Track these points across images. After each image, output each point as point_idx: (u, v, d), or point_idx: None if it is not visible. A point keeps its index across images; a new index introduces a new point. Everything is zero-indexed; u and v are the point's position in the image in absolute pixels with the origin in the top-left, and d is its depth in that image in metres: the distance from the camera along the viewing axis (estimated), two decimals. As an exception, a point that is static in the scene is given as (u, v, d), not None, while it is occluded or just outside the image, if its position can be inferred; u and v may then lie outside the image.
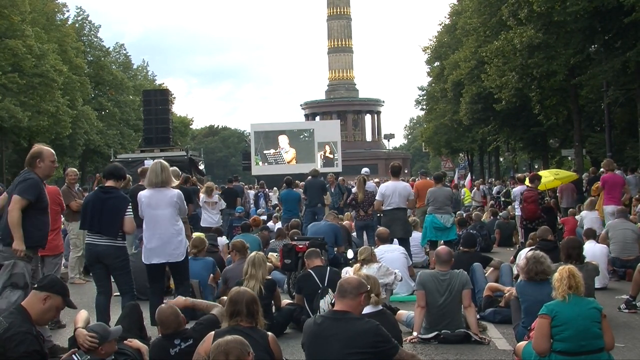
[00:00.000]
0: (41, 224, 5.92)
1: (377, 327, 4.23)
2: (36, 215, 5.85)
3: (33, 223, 5.81)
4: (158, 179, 6.78)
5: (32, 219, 5.81)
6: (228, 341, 3.60)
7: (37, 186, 5.84)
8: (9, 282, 5.54)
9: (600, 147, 26.58)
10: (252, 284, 6.56)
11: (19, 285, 5.54)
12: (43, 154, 5.97)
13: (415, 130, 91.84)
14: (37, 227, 5.86)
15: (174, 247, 6.72)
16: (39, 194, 5.84)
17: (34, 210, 5.83)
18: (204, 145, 71.97)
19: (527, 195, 11.88)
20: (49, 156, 5.99)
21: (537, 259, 6.07)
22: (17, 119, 30.29)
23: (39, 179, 5.92)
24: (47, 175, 6.08)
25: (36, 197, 5.81)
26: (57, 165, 6.29)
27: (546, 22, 20.33)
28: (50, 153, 6.04)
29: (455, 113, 36.62)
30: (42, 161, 5.95)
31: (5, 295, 5.49)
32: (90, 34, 47.81)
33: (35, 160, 5.94)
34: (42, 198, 5.89)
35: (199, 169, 26.13)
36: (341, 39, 79.01)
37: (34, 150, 6.05)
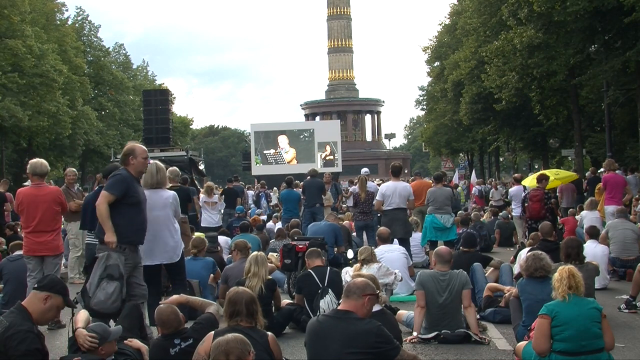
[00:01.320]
0: (132, 219, 5.95)
1: (378, 328, 4.23)
2: (127, 210, 5.92)
3: (124, 219, 5.89)
4: (154, 180, 6.78)
5: (123, 215, 5.89)
6: (228, 340, 3.57)
7: (124, 182, 5.90)
8: (105, 274, 5.64)
9: (600, 147, 26.59)
10: (254, 281, 6.59)
11: (114, 277, 5.65)
12: (135, 151, 6.05)
13: (415, 130, 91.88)
14: (128, 223, 5.92)
15: (169, 248, 6.71)
16: (126, 189, 5.89)
17: (123, 206, 5.90)
18: (204, 145, 71.97)
19: (534, 194, 11.89)
20: (141, 153, 6.06)
21: (536, 255, 6.14)
22: (17, 118, 30.28)
23: (129, 175, 5.99)
24: (140, 171, 6.15)
25: (123, 193, 5.88)
26: (149, 162, 6.34)
27: (546, 22, 20.33)
28: (142, 150, 6.11)
29: (455, 113, 36.64)
30: (134, 158, 6.03)
31: (102, 287, 5.61)
32: (90, 34, 47.81)
33: (128, 158, 6.03)
34: (131, 194, 5.93)
35: (199, 169, 26.12)
36: (341, 39, 78.99)
37: (127, 147, 6.15)
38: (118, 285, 5.60)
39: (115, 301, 5.59)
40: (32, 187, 7.53)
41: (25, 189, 7.81)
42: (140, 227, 6.03)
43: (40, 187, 7.36)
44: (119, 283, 5.62)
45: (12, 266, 7.88)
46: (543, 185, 12.32)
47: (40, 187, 7.36)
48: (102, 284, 5.61)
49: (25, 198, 7.36)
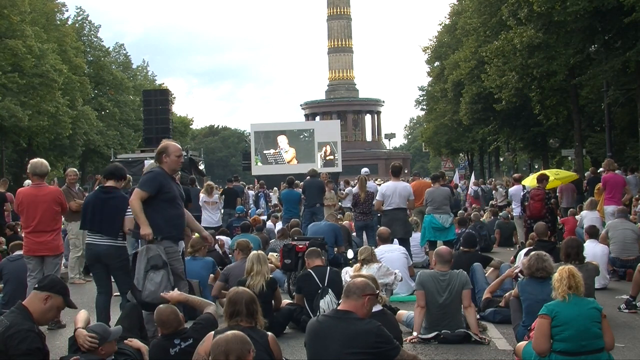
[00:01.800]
0: (168, 214, 6.02)
1: (378, 328, 4.22)
2: (162, 206, 6.01)
3: (160, 214, 5.97)
4: None
5: (159, 211, 5.98)
6: (228, 340, 3.53)
7: (156, 179, 6.02)
8: (149, 266, 5.77)
9: (600, 147, 26.59)
10: (256, 279, 6.64)
11: (159, 266, 5.78)
12: (168, 149, 6.14)
13: (415, 130, 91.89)
14: (164, 219, 5.99)
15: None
16: (159, 186, 5.98)
17: (159, 202, 6.00)
18: (204, 145, 71.99)
19: (535, 193, 11.90)
20: (174, 151, 6.15)
21: (539, 256, 6.13)
22: (17, 118, 30.27)
23: (162, 172, 6.10)
24: (174, 169, 6.24)
25: (156, 190, 5.98)
26: (183, 160, 6.42)
27: (546, 22, 20.33)
28: (175, 148, 6.19)
29: (455, 113, 36.65)
30: (167, 156, 6.12)
31: (150, 278, 5.73)
32: (90, 34, 47.80)
33: (161, 156, 6.14)
34: (165, 190, 6.01)
35: (199, 169, 26.13)
36: (341, 39, 78.97)
37: (160, 146, 6.25)
38: (165, 273, 5.76)
39: (166, 288, 5.67)
40: (32, 187, 7.53)
41: (25, 189, 7.82)
42: (176, 221, 6.11)
43: (40, 187, 7.36)
44: (165, 271, 5.78)
45: (12, 266, 7.88)
46: (544, 185, 12.33)
47: (40, 187, 7.35)
48: (149, 276, 5.75)
49: (25, 198, 7.36)
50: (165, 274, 5.78)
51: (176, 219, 6.12)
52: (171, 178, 6.21)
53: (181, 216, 6.22)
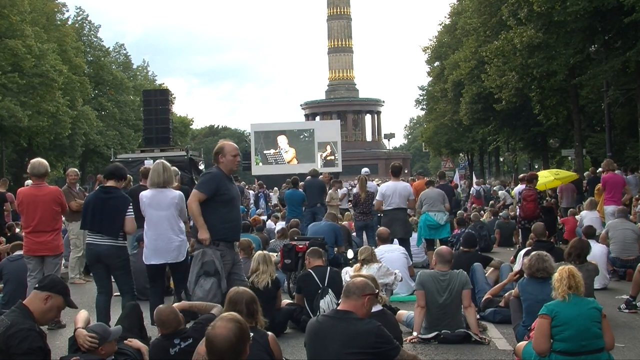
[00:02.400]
0: (225, 216, 6.03)
1: (378, 328, 4.22)
2: (219, 208, 6.02)
3: (216, 216, 6.00)
4: (160, 179, 6.76)
5: (215, 213, 6.00)
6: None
7: (213, 181, 6.05)
8: (202, 271, 5.79)
9: (600, 147, 26.59)
10: (262, 277, 6.66)
11: (210, 273, 5.80)
12: (224, 149, 6.16)
13: (415, 130, 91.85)
14: (221, 220, 5.99)
15: (174, 248, 6.70)
16: (216, 187, 6.00)
17: (215, 203, 6.02)
18: (204, 145, 71.86)
19: (527, 194, 11.89)
20: (230, 151, 6.15)
21: (540, 256, 6.14)
22: (17, 118, 30.27)
23: (220, 173, 6.11)
24: (230, 169, 6.21)
25: (212, 191, 6.00)
26: (239, 160, 6.42)
27: (546, 22, 20.32)
28: (231, 148, 6.19)
29: (455, 113, 36.63)
30: (223, 156, 6.14)
31: (200, 284, 5.77)
32: (90, 34, 47.81)
33: (218, 156, 6.18)
34: (222, 191, 6.02)
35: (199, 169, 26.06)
36: (341, 39, 79.00)
37: (217, 146, 6.28)
38: (215, 281, 5.76)
39: (215, 296, 5.69)
40: (32, 187, 7.53)
41: (25, 188, 7.82)
42: (233, 223, 6.12)
43: (40, 187, 7.36)
44: (216, 279, 5.77)
45: (12, 266, 7.88)
46: (534, 185, 12.33)
47: (40, 187, 7.35)
48: (199, 281, 5.78)
49: (25, 198, 7.36)
50: (216, 281, 5.76)
51: (232, 221, 6.13)
52: (229, 179, 6.19)
53: (237, 218, 6.22)
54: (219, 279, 5.79)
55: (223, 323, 3.33)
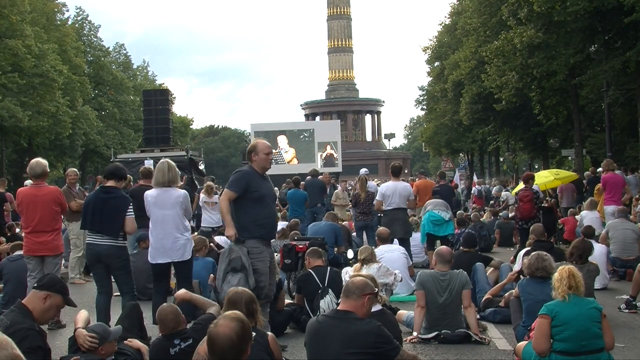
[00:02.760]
0: (256, 214, 6.04)
1: (378, 328, 4.22)
2: (250, 206, 6.05)
3: (248, 214, 6.04)
4: (165, 178, 6.75)
5: (247, 210, 6.04)
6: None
7: (243, 179, 6.06)
8: (229, 268, 5.83)
9: (600, 147, 26.59)
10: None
11: (237, 269, 5.82)
12: (257, 147, 6.18)
13: (415, 130, 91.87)
14: (252, 218, 6.02)
15: (180, 247, 6.70)
16: (246, 185, 6.02)
17: (246, 201, 6.05)
18: (204, 145, 71.96)
19: (523, 195, 11.88)
20: (262, 149, 6.16)
21: (540, 256, 6.16)
22: (17, 118, 30.27)
23: (251, 171, 6.13)
24: (263, 167, 6.19)
25: (243, 189, 6.02)
26: (272, 158, 6.32)
27: (546, 22, 20.33)
28: (264, 146, 6.20)
29: (455, 113, 36.64)
30: (256, 154, 6.15)
31: (227, 280, 5.80)
32: (90, 34, 47.82)
33: (251, 154, 6.18)
34: (253, 189, 6.03)
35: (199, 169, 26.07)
36: (341, 39, 78.99)
37: (250, 145, 6.31)
38: (242, 277, 5.79)
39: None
40: (31, 187, 7.52)
41: (24, 188, 7.81)
42: (264, 221, 6.11)
43: (40, 187, 7.35)
44: (243, 274, 5.80)
45: (12, 266, 7.88)
46: (530, 185, 12.34)
47: (40, 187, 7.34)
48: (227, 278, 5.81)
49: (24, 198, 7.36)
50: (243, 277, 5.78)
51: (264, 219, 6.11)
52: (261, 177, 6.19)
53: (269, 215, 6.21)
54: (246, 274, 5.82)
55: (226, 322, 3.31)
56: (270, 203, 6.26)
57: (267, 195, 6.19)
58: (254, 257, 5.98)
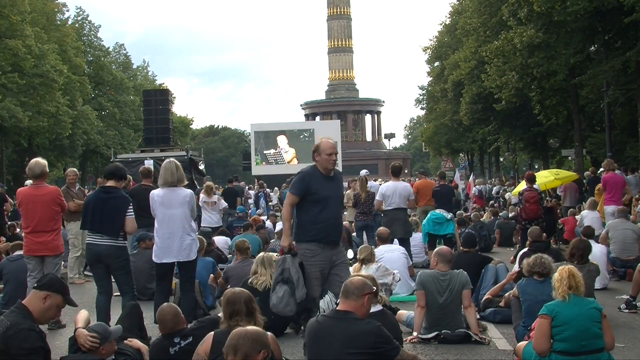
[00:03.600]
0: (316, 216, 5.86)
1: (378, 328, 4.22)
2: (310, 208, 5.89)
3: (307, 216, 5.88)
4: (174, 178, 6.71)
5: (307, 212, 5.89)
6: (240, 336, 3.48)
7: (303, 180, 5.92)
8: (280, 278, 5.77)
9: (600, 147, 26.60)
10: (261, 280, 6.66)
11: (284, 280, 5.75)
12: (319, 147, 6.00)
13: (415, 130, 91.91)
14: (311, 220, 5.86)
15: (186, 246, 6.68)
16: (306, 187, 5.88)
17: (306, 203, 5.90)
18: (204, 145, 71.95)
19: (530, 195, 11.88)
20: (325, 149, 5.96)
21: (539, 256, 6.23)
22: (17, 119, 30.29)
23: (311, 172, 5.97)
24: (325, 167, 5.97)
25: (302, 191, 5.88)
26: (334, 159, 6.03)
27: (546, 22, 20.34)
28: (327, 146, 5.99)
29: (455, 113, 36.67)
30: (318, 155, 5.98)
31: (275, 291, 5.76)
32: (90, 34, 47.84)
33: (314, 154, 6.02)
34: (312, 191, 5.87)
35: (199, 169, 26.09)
36: (341, 39, 78.91)
37: (315, 144, 6.10)
38: (287, 290, 5.69)
39: (288, 305, 5.67)
40: (31, 187, 7.52)
41: (24, 188, 7.81)
42: (325, 223, 5.88)
43: (40, 187, 7.34)
44: (288, 287, 5.70)
45: (12, 266, 7.88)
46: (532, 184, 12.35)
47: (40, 187, 7.33)
48: (276, 288, 5.76)
49: (24, 198, 7.35)
50: (287, 290, 5.69)
51: (323, 221, 5.87)
52: (325, 177, 5.96)
53: (330, 217, 5.93)
54: (292, 288, 5.70)
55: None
56: (333, 205, 5.99)
57: (329, 197, 5.94)
58: (306, 260, 5.83)
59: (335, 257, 5.97)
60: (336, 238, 6.02)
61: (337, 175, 6.17)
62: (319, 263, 5.84)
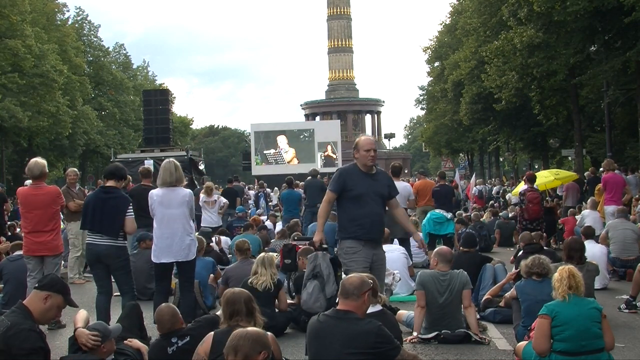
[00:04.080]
0: (353, 213, 5.81)
1: (378, 328, 4.22)
2: (348, 205, 5.86)
3: (346, 213, 5.87)
4: (172, 178, 6.71)
5: (345, 210, 5.88)
6: (241, 337, 3.48)
7: (340, 177, 5.89)
8: (311, 274, 5.78)
9: (600, 147, 26.60)
10: (262, 280, 6.65)
11: (315, 276, 5.76)
12: (358, 144, 5.98)
13: (415, 130, 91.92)
14: (349, 218, 5.83)
15: (185, 246, 6.69)
16: (343, 184, 5.85)
17: (344, 200, 5.89)
18: (204, 145, 71.97)
19: (532, 196, 11.89)
20: (363, 146, 5.92)
21: (537, 257, 6.26)
22: (17, 119, 30.31)
23: (349, 169, 5.96)
24: (364, 164, 5.91)
25: (340, 188, 5.86)
26: (373, 155, 5.96)
27: (546, 22, 20.35)
28: (365, 143, 5.94)
29: (455, 113, 36.68)
30: (357, 151, 5.96)
31: (306, 286, 5.77)
32: (90, 34, 47.87)
33: (353, 151, 5.99)
34: (349, 187, 5.83)
35: (199, 169, 26.10)
36: (341, 39, 78.89)
37: (355, 140, 6.05)
38: (317, 285, 5.69)
39: (317, 300, 5.65)
40: (30, 187, 7.52)
41: (24, 188, 7.80)
42: (362, 221, 5.80)
43: (39, 187, 7.33)
44: (318, 282, 5.71)
45: (12, 266, 7.88)
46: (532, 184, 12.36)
47: (39, 187, 7.33)
48: (307, 284, 5.77)
49: (24, 198, 7.35)
50: (317, 285, 5.69)
51: (362, 218, 5.80)
52: (364, 174, 5.89)
53: (369, 214, 5.81)
54: (323, 283, 5.70)
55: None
56: (372, 201, 5.86)
57: (366, 194, 5.84)
58: (348, 257, 5.79)
59: (375, 256, 5.90)
60: (376, 236, 5.93)
61: (379, 172, 6.11)
62: (361, 260, 5.76)
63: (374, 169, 6.01)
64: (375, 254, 5.91)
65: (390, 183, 6.16)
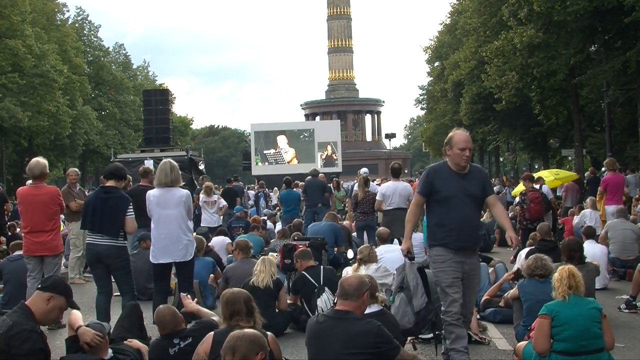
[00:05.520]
0: (440, 217, 5.27)
1: (378, 328, 4.22)
2: (435, 208, 5.33)
3: (434, 217, 5.36)
4: (168, 179, 6.72)
5: (433, 213, 5.37)
6: (238, 337, 3.47)
7: (427, 178, 5.35)
8: (399, 287, 5.59)
9: (600, 147, 26.61)
10: (261, 277, 6.64)
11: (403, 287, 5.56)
12: (452, 140, 5.31)
13: (415, 130, 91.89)
14: (437, 222, 5.31)
15: (182, 247, 6.69)
16: (430, 185, 5.30)
17: (432, 203, 5.35)
18: (204, 145, 71.96)
19: (534, 196, 11.88)
20: (457, 143, 5.27)
21: (537, 256, 6.25)
22: (17, 119, 30.31)
23: (438, 168, 5.42)
24: (456, 162, 5.28)
25: (428, 189, 5.30)
26: (468, 154, 5.31)
27: (546, 22, 20.36)
28: (459, 139, 5.28)
29: (455, 113, 36.70)
30: (450, 148, 5.32)
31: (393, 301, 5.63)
32: (90, 34, 47.87)
33: (445, 147, 5.43)
34: (436, 189, 5.26)
35: (199, 169, 26.10)
36: (341, 39, 78.96)
37: (448, 135, 5.46)
38: (403, 298, 5.43)
39: (405, 315, 5.40)
40: (30, 187, 7.52)
41: (23, 188, 7.79)
42: (451, 225, 5.20)
43: (39, 187, 7.33)
44: (404, 294, 5.46)
45: (12, 266, 7.89)
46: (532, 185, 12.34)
47: (39, 187, 7.32)
48: (395, 298, 5.57)
49: (23, 198, 7.34)
50: (404, 298, 5.40)
51: (450, 223, 5.19)
52: (455, 174, 5.27)
53: (458, 219, 5.18)
54: (409, 295, 5.39)
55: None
56: (462, 204, 5.20)
57: (455, 196, 5.20)
58: (436, 267, 5.23)
59: (467, 266, 5.27)
60: (467, 243, 5.24)
61: (474, 172, 5.39)
62: (450, 270, 5.16)
63: (467, 168, 5.33)
64: (468, 263, 5.28)
65: (484, 178, 5.49)
